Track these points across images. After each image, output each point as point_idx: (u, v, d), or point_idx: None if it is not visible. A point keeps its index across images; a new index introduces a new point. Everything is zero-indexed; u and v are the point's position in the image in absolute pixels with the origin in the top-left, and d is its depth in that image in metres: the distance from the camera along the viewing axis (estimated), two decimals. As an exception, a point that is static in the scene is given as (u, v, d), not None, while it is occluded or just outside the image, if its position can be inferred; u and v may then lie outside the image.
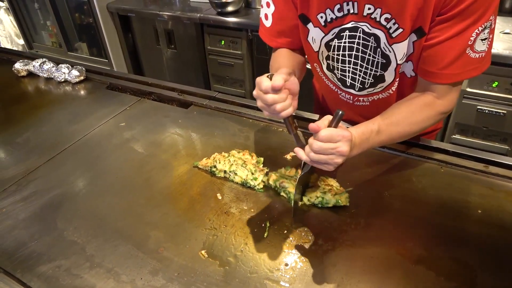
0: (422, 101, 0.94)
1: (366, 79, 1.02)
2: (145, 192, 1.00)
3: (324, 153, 0.78)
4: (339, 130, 0.77)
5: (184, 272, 0.78)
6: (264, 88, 0.81)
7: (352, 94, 1.08)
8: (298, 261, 0.80)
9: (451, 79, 0.90)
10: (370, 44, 0.95)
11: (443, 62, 0.88)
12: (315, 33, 1.01)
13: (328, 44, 1.01)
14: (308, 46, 1.07)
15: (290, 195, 0.93)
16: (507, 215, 0.88)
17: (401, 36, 0.89)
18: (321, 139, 0.77)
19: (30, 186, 1.04)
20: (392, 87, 1.02)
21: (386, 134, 0.91)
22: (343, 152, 0.77)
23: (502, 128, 1.97)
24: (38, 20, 3.53)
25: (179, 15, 2.70)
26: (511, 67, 1.78)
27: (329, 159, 0.78)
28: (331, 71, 1.07)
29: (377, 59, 0.96)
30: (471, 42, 0.84)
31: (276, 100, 0.82)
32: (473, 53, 0.86)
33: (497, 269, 0.77)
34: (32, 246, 0.86)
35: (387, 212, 0.91)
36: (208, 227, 0.88)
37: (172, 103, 1.42)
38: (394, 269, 0.77)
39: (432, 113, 0.94)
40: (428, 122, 0.95)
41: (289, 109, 0.85)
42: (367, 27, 0.92)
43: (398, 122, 0.92)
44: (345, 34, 0.96)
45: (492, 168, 1.00)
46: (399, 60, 0.94)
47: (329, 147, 0.77)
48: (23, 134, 1.28)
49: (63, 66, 1.61)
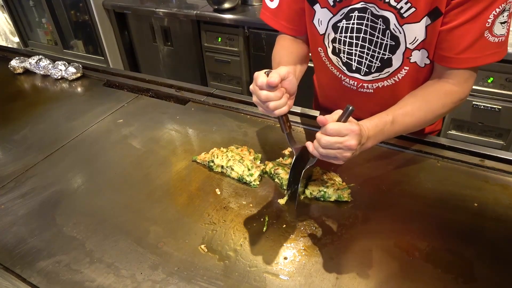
0: (438, 89, 0.93)
1: (373, 63, 1.00)
2: (144, 188, 1.00)
3: (332, 147, 0.77)
4: (347, 124, 0.77)
5: (184, 267, 0.79)
6: (259, 83, 0.82)
7: (357, 80, 1.07)
8: (297, 254, 0.80)
9: (469, 63, 0.88)
10: (378, 27, 0.93)
11: (460, 46, 0.86)
12: (322, 14, 1.00)
13: (335, 26, 1.00)
14: (313, 29, 1.06)
15: (283, 180, 0.96)
16: (503, 208, 0.89)
17: (414, 16, 0.88)
18: (328, 133, 0.77)
19: (28, 182, 1.04)
20: (398, 74, 1.00)
21: (401, 124, 0.90)
22: (351, 146, 0.77)
23: (497, 123, 1.98)
24: (33, 18, 3.50)
25: (175, 12, 2.69)
26: (506, 63, 1.80)
27: (337, 153, 0.78)
28: (336, 54, 1.06)
29: (386, 41, 0.95)
30: (488, 24, 0.83)
31: (269, 97, 0.83)
32: (492, 36, 0.84)
33: (493, 261, 0.78)
34: (31, 242, 0.86)
35: (385, 206, 0.92)
36: (207, 222, 0.89)
37: (170, 99, 1.42)
38: (392, 262, 0.78)
39: (448, 101, 0.93)
40: (443, 110, 0.94)
41: (284, 108, 0.85)
42: (375, 8, 0.91)
43: (413, 112, 0.91)
44: (354, 15, 0.95)
45: (487, 162, 1.01)
46: (408, 44, 0.93)
47: (337, 141, 0.77)
48: (21, 132, 1.27)
49: (60, 63, 1.60)
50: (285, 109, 0.86)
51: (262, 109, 0.87)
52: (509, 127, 1.97)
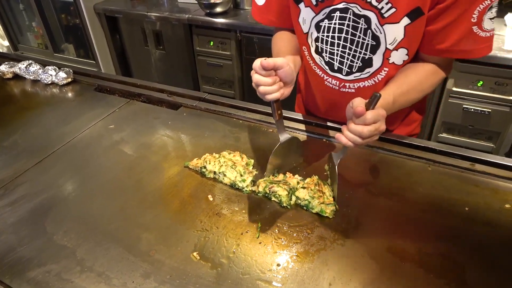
0: (428, 70, 1.01)
1: (354, 63, 1.04)
2: (136, 194, 1.00)
3: (372, 135, 0.83)
4: (379, 111, 0.83)
5: (176, 275, 0.78)
6: (254, 66, 0.86)
7: (339, 79, 1.10)
8: (290, 261, 0.80)
9: (461, 55, 0.95)
10: (360, 26, 0.97)
11: (451, 40, 0.93)
12: (306, 13, 1.03)
13: (318, 25, 1.03)
14: (298, 27, 1.09)
15: (281, 198, 0.93)
16: (493, 212, 0.90)
17: (394, 16, 0.92)
18: (368, 122, 0.81)
19: (18, 190, 1.03)
20: (378, 75, 1.04)
21: (399, 103, 0.98)
22: (382, 130, 0.85)
23: (487, 126, 2.00)
24: (23, 21, 3.47)
25: (167, 16, 2.68)
26: (495, 66, 1.82)
27: (371, 139, 0.85)
28: (319, 54, 1.09)
29: (367, 41, 0.99)
30: (474, 20, 0.88)
31: (259, 81, 0.86)
32: (482, 32, 0.90)
33: (485, 265, 0.78)
34: (21, 251, 0.85)
35: (377, 211, 0.92)
36: (199, 229, 0.88)
37: (162, 104, 1.41)
38: (384, 267, 0.78)
39: (436, 80, 1.02)
40: (432, 88, 1.04)
41: (275, 94, 0.88)
42: (357, 8, 0.94)
43: (409, 91, 0.99)
44: (336, 15, 0.98)
45: (478, 166, 1.02)
46: (388, 44, 0.97)
47: (374, 128, 0.82)
48: (10, 137, 1.26)
49: (50, 68, 1.59)
50: (276, 95, 0.88)
51: (258, 93, 0.90)
52: (499, 130, 1.99)
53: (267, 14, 1.16)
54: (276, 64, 0.86)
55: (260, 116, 1.28)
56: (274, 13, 1.15)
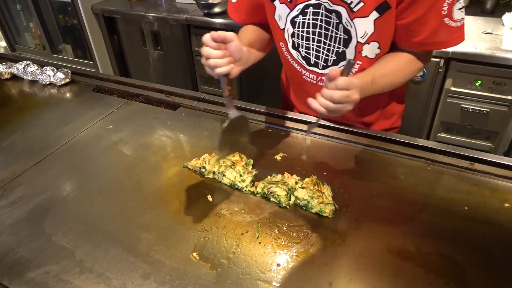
0: (408, 57, 1.03)
1: (329, 57, 1.07)
2: (135, 194, 0.99)
3: (342, 101, 0.83)
4: (352, 79, 0.83)
5: (176, 275, 0.78)
6: (203, 39, 0.87)
7: (316, 73, 1.13)
8: (290, 261, 0.80)
9: (436, 46, 0.98)
10: (332, 21, 1.00)
11: (424, 33, 0.95)
12: (281, 9, 1.06)
13: (293, 21, 1.06)
14: (274, 24, 1.12)
15: (280, 198, 0.93)
16: (493, 212, 0.90)
17: (363, 10, 0.94)
18: (339, 87, 0.82)
19: (16, 191, 1.02)
20: (353, 68, 1.07)
21: (378, 85, 0.99)
22: (355, 100, 0.84)
23: (486, 126, 2.01)
24: (20, 22, 3.46)
25: (165, 16, 2.68)
26: (493, 66, 1.82)
27: (343, 107, 0.85)
28: (296, 49, 1.12)
29: (339, 35, 1.02)
30: (445, 12, 0.91)
31: (209, 53, 0.87)
32: (453, 22, 0.93)
33: (484, 265, 0.78)
34: (20, 252, 0.85)
35: (376, 211, 0.92)
36: (199, 229, 0.88)
37: (160, 105, 1.41)
38: (384, 267, 0.78)
39: (416, 68, 1.05)
40: (411, 75, 1.06)
41: (224, 68, 0.89)
42: (329, 3, 0.97)
43: (389, 74, 1.01)
44: (309, 11, 1.02)
45: (477, 166, 1.02)
46: (359, 38, 1.00)
47: (346, 94, 0.83)
48: (8, 138, 1.25)
49: (48, 68, 1.58)
50: (226, 69, 0.89)
51: (207, 69, 0.90)
52: (497, 130, 1.99)
53: (239, 12, 1.19)
54: (226, 37, 0.88)
55: (259, 116, 1.28)
56: (244, 11, 1.18)
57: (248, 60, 1.00)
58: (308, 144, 1.14)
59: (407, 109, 1.35)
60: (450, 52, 1.85)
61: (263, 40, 1.18)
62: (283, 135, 1.20)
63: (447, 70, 1.94)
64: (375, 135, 1.15)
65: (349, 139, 1.15)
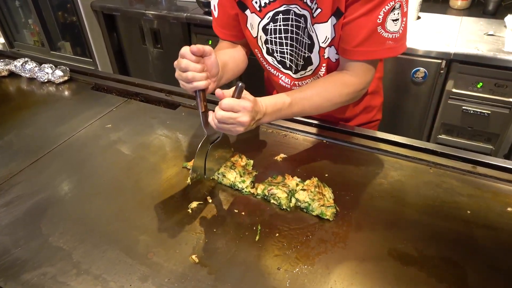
0: (337, 79, 1.00)
1: (299, 61, 1.08)
2: (134, 195, 0.98)
3: (226, 122, 0.83)
4: (241, 101, 0.82)
5: (174, 278, 0.77)
6: (181, 52, 0.86)
7: (290, 77, 1.15)
8: (290, 264, 0.79)
9: (365, 56, 0.96)
10: (301, 25, 1.01)
11: (356, 39, 0.93)
12: (252, 18, 1.07)
13: (265, 28, 1.07)
14: (247, 32, 1.13)
15: (281, 200, 0.92)
16: (495, 216, 0.89)
17: (321, 16, 0.95)
18: (223, 108, 0.82)
19: (13, 190, 1.01)
20: (319, 71, 1.07)
21: (298, 107, 0.97)
22: (243, 123, 0.83)
23: (487, 128, 2.00)
24: (19, 18, 3.44)
25: (165, 14, 2.66)
26: (495, 68, 1.81)
27: (231, 127, 0.85)
28: (270, 55, 1.13)
29: (305, 40, 1.03)
30: (380, 20, 0.90)
31: (188, 66, 0.86)
32: (385, 32, 0.92)
33: (486, 269, 0.77)
34: (16, 253, 0.84)
35: (378, 214, 0.91)
36: (198, 231, 0.87)
37: (160, 104, 1.40)
38: (386, 270, 0.77)
39: (345, 91, 1.00)
40: (341, 99, 1.01)
41: (202, 82, 0.88)
42: (298, 8, 0.98)
43: (312, 96, 0.98)
44: (279, 18, 1.02)
45: (479, 169, 1.01)
46: (321, 43, 1.00)
47: (230, 116, 0.82)
48: (5, 137, 1.24)
49: (46, 66, 1.57)
50: (204, 83, 0.88)
51: (183, 83, 0.89)
52: (498, 132, 1.99)
53: (221, 27, 1.17)
54: (205, 50, 0.88)
55: (259, 117, 1.27)
56: (226, 25, 1.16)
57: (221, 78, 1.00)
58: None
59: (408, 109, 1.35)
60: (452, 53, 1.84)
61: (239, 60, 1.17)
62: (284, 136, 1.19)
63: (448, 71, 1.93)
64: (377, 137, 1.14)
65: (351, 141, 1.14)
